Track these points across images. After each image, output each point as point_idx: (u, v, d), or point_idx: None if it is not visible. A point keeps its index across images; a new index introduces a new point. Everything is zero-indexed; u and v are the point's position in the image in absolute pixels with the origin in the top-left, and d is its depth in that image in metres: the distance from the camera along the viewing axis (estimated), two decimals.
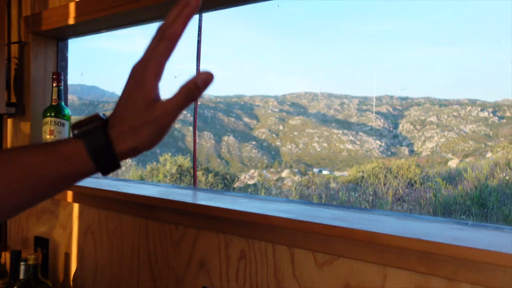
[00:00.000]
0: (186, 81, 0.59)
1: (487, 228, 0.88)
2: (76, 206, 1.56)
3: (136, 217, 1.35)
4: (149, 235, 1.32)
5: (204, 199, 1.19)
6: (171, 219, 1.24)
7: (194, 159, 1.43)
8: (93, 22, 1.56)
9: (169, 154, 9.03)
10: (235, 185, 8.94)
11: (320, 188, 9.46)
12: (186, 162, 8.81)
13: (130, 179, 1.58)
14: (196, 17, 1.47)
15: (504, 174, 9.46)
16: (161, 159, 8.94)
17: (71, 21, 1.58)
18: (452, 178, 10.04)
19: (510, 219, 4.75)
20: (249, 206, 1.08)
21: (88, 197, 1.50)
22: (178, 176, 8.15)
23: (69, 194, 1.55)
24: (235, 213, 1.04)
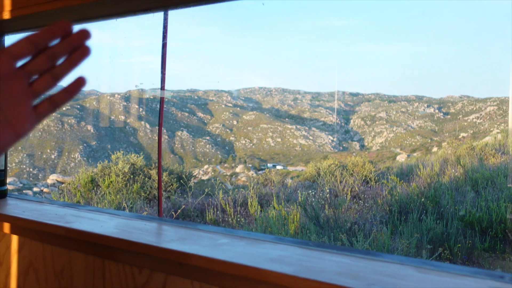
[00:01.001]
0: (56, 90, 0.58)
1: None
2: (14, 239, 1.30)
3: (89, 256, 1.12)
4: (106, 278, 1.09)
5: (175, 238, 0.98)
6: (133, 261, 1.03)
7: (159, 183, 1.21)
8: (34, 17, 1.31)
9: (121, 152, 8.63)
10: (191, 183, 8.67)
11: (277, 186, 9.36)
12: (139, 160, 8.45)
13: (82, 205, 1.33)
14: (161, 15, 1.25)
15: (453, 171, 9.74)
16: (113, 157, 8.53)
17: (6, 15, 1.32)
18: (404, 174, 10.24)
19: (466, 219, 4.81)
20: (232, 251, 0.89)
21: (29, 229, 1.25)
22: (131, 176, 7.79)
23: (6, 225, 1.29)
24: (216, 263, 0.84)
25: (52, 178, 13.44)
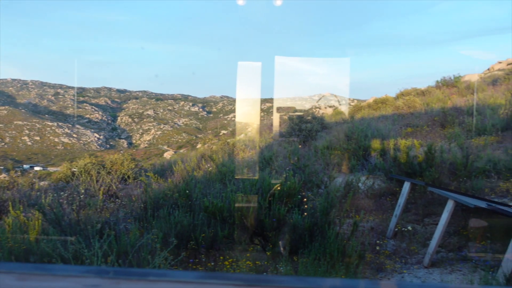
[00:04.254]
0: None
1: None
2: None
3: None
4: None
5: None
6: None
7: None
8: None
9: None
10: None
11: (23, 189, 8.37)
12: None
13: None
14: None
15: (208, 165, 10.40)
16: None
17: None
18: (164, 171, 10.47)
19: (210, 210, 5.15)
20: None
21: None
22: None
23: None
24: None
25: None
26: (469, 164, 6.68)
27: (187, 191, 6.45)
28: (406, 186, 6.04)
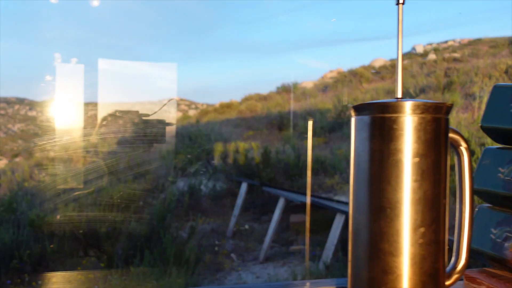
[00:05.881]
0: None
1: None
2: None
3: None
4: None
5: None
6: None
7: None
8: None
9: None
10: None
11: None
12: None
13: None
14: None
15: (44, 174, 9.57)
16: None
17: None
18: None
19: (36, 223, 4.73)
20: None
21: None
22: None
23: None
24: None
25: None
26: (300, 164, 7.27)
27: (14, 204, 5.84)
28: (243, 186, 6.33)
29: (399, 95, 0.55)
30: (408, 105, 0.51)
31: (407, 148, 0.51)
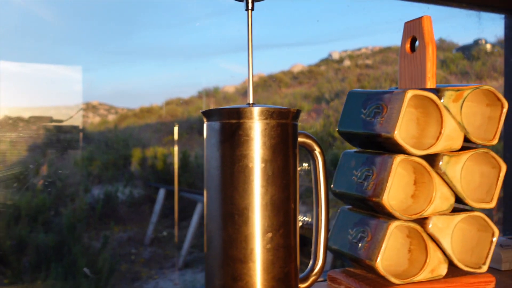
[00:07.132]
0: None
1: None
2: None
3: None
4: None
5: None
6: None
7: None
8: None
9: None
10: None
11: None
12: None
13: None
14: None
15: None
16: None
17: None
18: None
19: None
20: None
21: None
22: None
23: None
24: None
25: None
26: None
27: None
28: (161, 192, 6.19)
29: (251, 100, 0.55)
30: (252, 111, 0.51)
31: (253, 154, 0.51)
